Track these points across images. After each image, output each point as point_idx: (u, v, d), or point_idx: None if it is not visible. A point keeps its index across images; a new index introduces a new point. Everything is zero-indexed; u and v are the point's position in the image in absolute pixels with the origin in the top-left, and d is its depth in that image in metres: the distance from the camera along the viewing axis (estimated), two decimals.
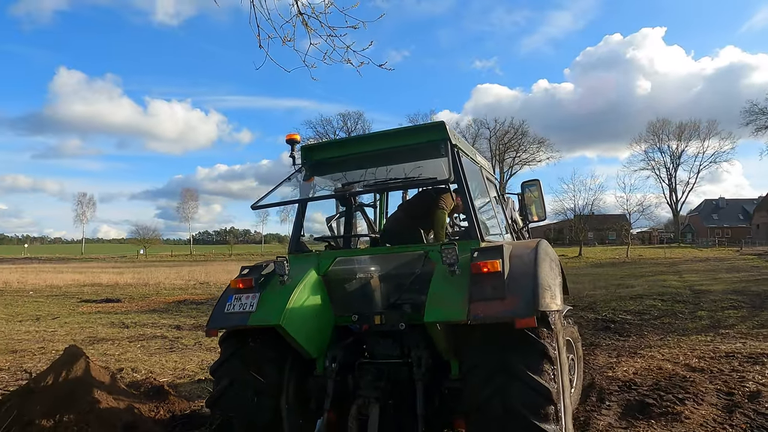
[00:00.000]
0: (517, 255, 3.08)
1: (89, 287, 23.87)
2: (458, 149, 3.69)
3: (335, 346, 3.50)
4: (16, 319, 13.45)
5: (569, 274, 27.95)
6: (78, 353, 4.99)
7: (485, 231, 3.91)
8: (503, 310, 2.74)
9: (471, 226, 3.50)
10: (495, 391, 2.74)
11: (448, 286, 2.96)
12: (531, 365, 2.74)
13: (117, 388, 5.14)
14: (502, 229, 4.29)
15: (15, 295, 20.12)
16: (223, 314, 3.35)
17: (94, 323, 12.53)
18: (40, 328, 11.77)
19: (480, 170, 4.21)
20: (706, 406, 4.92)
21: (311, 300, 3.42)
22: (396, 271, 3.61)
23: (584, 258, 46.03)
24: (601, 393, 5.50)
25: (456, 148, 3.65)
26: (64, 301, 17.96)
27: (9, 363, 7.87)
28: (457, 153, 3.63)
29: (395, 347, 3.41)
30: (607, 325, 11.45)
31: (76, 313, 14.80)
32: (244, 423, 3.23)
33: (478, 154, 4.40)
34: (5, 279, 27.21)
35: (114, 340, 10.17)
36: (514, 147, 79.10)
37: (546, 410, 2.69)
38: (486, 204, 4.22)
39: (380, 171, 3.83)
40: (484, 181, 4.20)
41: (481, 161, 4.37)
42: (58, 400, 4.49)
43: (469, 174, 3.83)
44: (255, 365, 3.31)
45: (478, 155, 4.41)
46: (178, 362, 7.92)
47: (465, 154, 3.88)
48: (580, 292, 18.63)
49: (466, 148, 3.94)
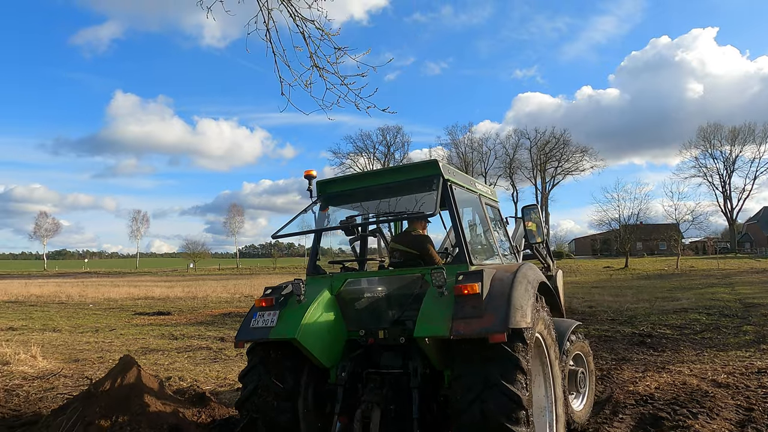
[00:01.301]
0: (498, 278, 3.45)
1: (143, 300, 25.30)
2: (451, 183, 4.08)
3: (346, 358, 3.93)
4: (77, 330, 14.58)
5: (613, 286, 27.39)
6: (131, 362, 5.60)
7: (480, 254, 4.27)
8: (480, 328, 3.12)
9: (461, 251, 3.88)
10: (475, 398, 3.10)
11: (437, 305, 3.36)
12: (506, 376, 3.09)
13: (164, 394, 5.72)
14: (502, 251, 4.61)
15: (76, 308, 21.65)
16: (248, 328, 3.86)
17: (146, 335, 13.44)
18: (99, 339, 12.76)
19: (479, 198, 4.57)
20: (720, 420, 5.00)
21: (324, 316, 3.88)
22: (398, 292, 4.05)
23: (630, 269, 44.60)
24: (617, 406, 5.64)
25: (449, 182, 4.04)
26: (120, 314, 19.20)
27: (72, 371, 8.69)
28: (450, 187, 4.02)
29: (397, 359, 3.81)
30: (643, 340, 11.31)
31: (131, 325, 15.85)
32: (266, 423, 3.69)
33: (478, 183, 4.75)
34: (68, 293, 29.20)
35: (164, 350, 10.94)
36: (556, 157, 77.64)
37: (518, 415, 3.03)
38: (484, 229, 4.57)
39: (384, 203, 4.26)
40: (483, 207, 4.56)
41: (481, 189, 4.72)
42: (114, 404, 5.09)
43: (463, 203, 4.22)
44: (275, 373, 3.78)
45: (479, 184, 4.76)
46: (220, 372, 8.52)
47: (459, 186, 4.26)
48: (620, 306, 18.27)
49: (461, 181, 4.32)
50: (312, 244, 4.52)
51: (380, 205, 4.31)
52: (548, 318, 3.89)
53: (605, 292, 24.20)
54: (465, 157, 79.19)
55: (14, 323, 16.13)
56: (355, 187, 4.44)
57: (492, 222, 4.72)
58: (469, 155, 79.55)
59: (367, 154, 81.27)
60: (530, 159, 78.33)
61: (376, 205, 4.36)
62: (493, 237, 4.50)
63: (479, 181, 4.80)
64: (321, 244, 4.53)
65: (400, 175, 4.18)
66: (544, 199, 77.76)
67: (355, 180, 4.47)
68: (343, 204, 4.57)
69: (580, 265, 52.95)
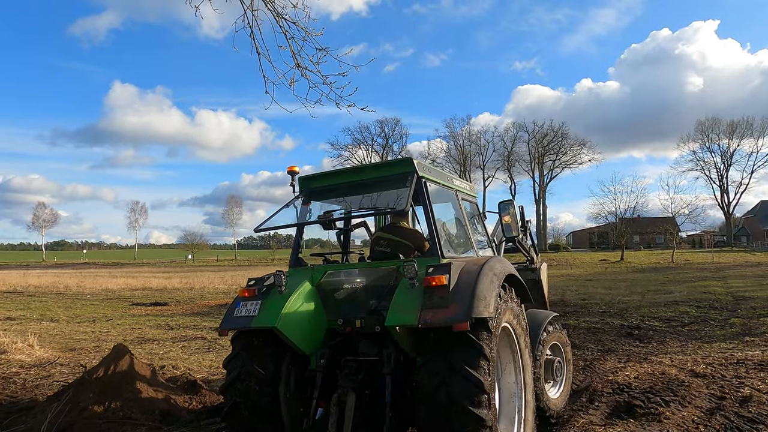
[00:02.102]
0: (466, 270, 3.63)
1: (140, 291, 25.50)
2: (426, 179, 4.24)
3: (325, 346, 4.11)
4: (75, 320, 14.77)
5: (607, 279, 27.58)
6: (124, 351, 5.78)
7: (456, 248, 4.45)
8: (445, 317, 3.30)
9: (432, 245, 4.05)
10: (441, 383, 3.29)
11: (407, 296, 3.54)
12: (469, 362, 3.27)
13: (157, 382, 5.91)
14: (478, 244, 4.78)
15: (74, 298, 21.84)
16: (232, 317, 4.03)
17: (143, 325, 13.64)
18: (95, 329, 12.95)
19: (455, 193, 4.73)
20: (691, 408, 5.19)
21: (304, 306, 4.06)
22: (374, 283, 4.22)
23: (626, 263, 44.88)
24: (593, 394, 5.83)
25: (423, 178, 4.20)
26: (117, 304, 19.40)
27: (69, 359, 8.88)
28: (424, 183, 4.19)
29: (373, 347, 3.99)
30: (631, 332, 11.51)
31: (128, 315, 16.04)
32: (249, 407, 3.87)
33: (455, 179, 4.91)
34: (66, 283, 29.38)
35: (159, 340, 11.14)
36: (554, 150, 77.62)
37: (480, 398, 3.22)
38: (461, 223, 4.73)
39: (363, 198, 4.42)
40: (459, 202, 4.71)
41: (458, 185, 4.88)
42: (107, 390, 5.27)
43: (439, 199, 4.38)
44: (257, 360, 3.96)
45: (456, 180, 4.91)
46: (213, 361, 8.71)
47: (435, 182, 4.42)
48: (613, 299, 18.49)
49: (437, 177, 4.48)
50: (294, 238, 4.69)
51: (361, 200, 4.47)
52: (518, 308, 4.07)
53: (599, 284, 24.44)
54: (463, 150, 79.26)
55: (12, 313, 16.32)
56: (336, 183, 4.60)
57: (469, 216, 4.88)
58: (467, 148, 79.60)
59: (366, 147, 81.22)
60: (528, 152, 78.44)
61: (357, 200, 4.51)
62: (468, 231, 4.66)
63: (456, 177, 4.96)
64: (305, 237, 4.71)
65: (378, 172, 4.34)
66: (541, 192, 77.91)
67: (335, 176, 4.63)
68: (325, 199, 4.72)
69: (577, 258, 53.25)
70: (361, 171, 4.42)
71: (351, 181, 4.49)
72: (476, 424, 3.17)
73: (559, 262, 47.43)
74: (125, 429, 4.84)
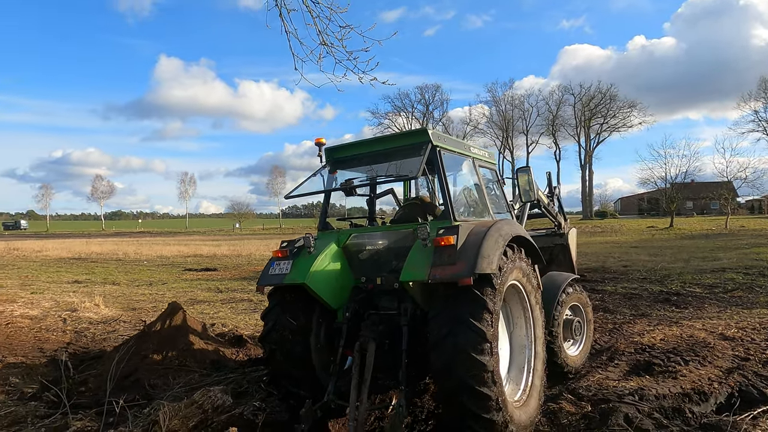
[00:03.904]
0: (474, 232, 3.92)
1: (191, 258, 26.96)
2: (440, 148, 4.49)
3: (351, 301, 4.53)
4: (134, 284, 15.97)
5: (653, 246, 26.88)
6: (178, 307, 6.42)
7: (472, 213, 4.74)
8: (452, 273, 3.63)
9: (446, 209, 4.35)
10: (448, 332, 3.64)
11: (420, 255, 3.89)
12: (474, 314, 3.60)
13: (207, 336, 6.55)
14: (495, 209, 5.03)
15: (133, 264, 23.39)
16: (267, 275, 4.53)
17: (194, 288, 14.62)
18: (152, 291, 14.01)
19: (472, 161, 4.95)
20: (711, 367, 5.32)
21: (331, 265, 4.49)
22: (394, 245, 4.62)
23: (675, 229, 43.30)
24: (614, 353, 6.02)
25: (438, 147, 4.46)
26: (171, 270, 20.69)
27: (130, 317, 9.79)
28: (438, 152, 4.44)
29: (392, 302, 4.39)
30: (668, 298, 11.40)
31: (181, 279, 17.16)
32: (283, 353, 4.38)
33: (473, 147, 5.12)
34: (125, 250, 31.38)
35: (209, 302, 11.98)
36: (602, 112, 74.45)
37: (482, 346, 3.56)
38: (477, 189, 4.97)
39: (384, 167, 4.71)
40: (476, 169, 4.94)
41: (475, 152, 5.09)
42: (164, 341, 5.92)
43: (454, 166, 4.65)
44: (290, 313, 4.44)
45: (473, 148, 5.13)
46: (258, 320, 9.38)
47: (450, 150, 4.67)
48: (655, 265, 18.13)
49: (452, 146, 4.73)
50: (322, 204, 5.11)
51: (381, 169, 4.77)
52: (527, 267, 4.34)
53: (643, 251, 23.90)
54: (505, 115, 77.32)
55: (79, 277, 17.77)
56: (358, 153, 4.95)
57: (486, 182, 5.12)
58: (509, 113, 77.55)
59: (406, 114, 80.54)
60: (574, 116, 75.55)
61: (378, 169, 4.82)
62: (485, 197, 4.91)
63: (474, 145, 5.16)
64: (337, 205, 5.16)
65: (396, 142, 4.66)
66: (587, 157, 75.36)
67: (358, 146, 4.96)
68: (349, 168, 5.07)
69: (623, 225, 51.76)
70: (381, 141, 4.75)
71: (372, 151, 4.81)
72: (478, 369, 3.52)
73: (604, 229, 46.35)
74: (180, 374, 5.48)
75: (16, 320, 9.42)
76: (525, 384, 4.23)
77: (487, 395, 3.52)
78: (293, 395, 4.34)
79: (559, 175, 77.23)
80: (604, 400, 4.28)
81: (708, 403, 4.52)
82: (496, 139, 78.72)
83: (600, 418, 3.81)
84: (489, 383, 3.53)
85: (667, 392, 4.57)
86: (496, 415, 3.57)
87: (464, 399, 3.55)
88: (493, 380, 3.56)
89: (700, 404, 4.48)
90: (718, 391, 4.68)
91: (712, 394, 4.61)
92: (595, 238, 37.23)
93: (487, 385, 3.53)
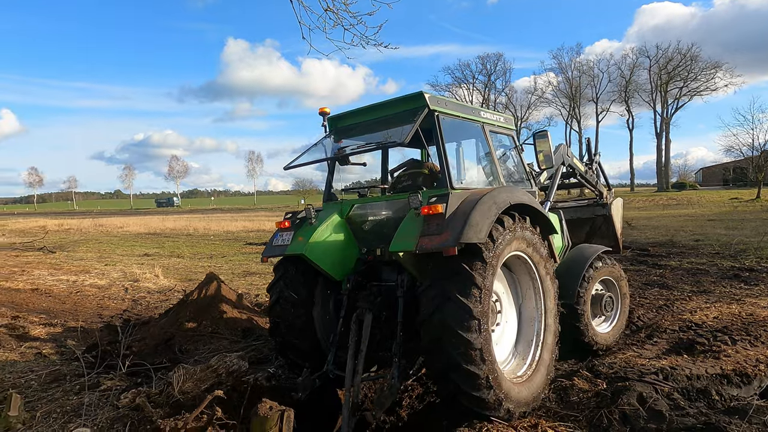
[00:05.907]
0: (468, 200, 3.70)
1: (254, 233, 28.10)
2: (439, 113, 4.24)
3: (355, 272, 4.49)
4: (196, 257, 16.92)
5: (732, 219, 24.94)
6: (213, 278, 6.72)
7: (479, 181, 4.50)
8: (438, 243, 3.45)
9: (443, 176, 4.13)
10: (436, 308, 3.51)
11: (411, 224, 3.74)
12: (461, 290, 3.44)
13: (241, 305, 6.82)
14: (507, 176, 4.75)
15: (199, 239, 24.77)
16: (271, 246, 4.59)
17: (251, 261, 15.25)
18: (211, 264, 14.77)
19: (482, 126, 4.65)
20: (762, 348, 4.85)
21: (332, 236, 4.46)
22: (393, 215, 4.48)
23: (763, 201, 39.65)
24: (655, 331, 5.64)
25: (436, 112, 4.21)
26: (233, 244, 21.70)
27: (185, 287, 10.38)
28: (437, 117, 4.20)
29: (392, 273, 4.32)
30: (739, 274, 10.50)
31: (240, 253, 17.97)
32: (286, 326, 4.46)
33: (483, 111, 4.79)
34: (195, 226, 33.24)
35: (262, 274, 12.46)
36: (681, 76, 68.51)
37: (470, 323, 3.41)
38: (487, 156, 4.69)
39: (383, 134, 4.55)
40: (486, 135, 4.64)
41: (486, 117, 4.76)
42: (200, 310, 6.24)
43: (461, 132, 4.38)
44: (292, 285, 4.49)
45: (484, 112, 4.80)
46: None
47: (453, 115, 4.41)
48: (731, 239, 16.74)
49: (456, 110, 4.45)
50: (327, 175, 5.05)
51: (382, 136, 4.61)
52: (532, 237, 4.08)
53: (720, 225, 22.10)
54: (572, 82, 73.20)
55: (149, 251, 19.08)
56: (359, 121, 4.80)
57: (498, 149, 4.83)
58: (577, 80, 73.30)
59: (467, 85, 78.21)
60: (649, 80, 70.15)
61: (378, 136, 4.66)
62: (496, 164, 4.63)
63: (486, 110, 4.84)
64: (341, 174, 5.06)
65: (395, 108, 4.45)
66: (663, 124, 70.05)
67: (358, 114, 4.81)
68: (351, 136, 4.94)
69: (702, 197, 48.02)
70: (381, 108, 4.58)
71: (372, 119, 4.67)
72: (465, 347, 3.40)
73: (679, 202, 43.29)
74: (212, 340, 5.76)
75: (85, 289, 10.29)
76: (532, 358, 4.06)
77: (475, 373, 3.42)
78: (297, 365, 4.42)
79: (631, 145, 72.70)
80: (623, 378, 4.02)
81: (751, 386, 4.13)
82: (562, 109, 74.92)
83: (611, 396, 3.57)
84: (477, 361, 3.42)
85: (702, 373, 4.21)
86: (486, 393, 3.47)
87: (453, 376, 3.47)
88: (481, 358, 3.44)
89: (741, 387, 4.10)
90: (764, 373, 4.26)
91: (756, 376, 4.20)
92: (667, 211, 34.88)
93: (475, 363, 3.42)
